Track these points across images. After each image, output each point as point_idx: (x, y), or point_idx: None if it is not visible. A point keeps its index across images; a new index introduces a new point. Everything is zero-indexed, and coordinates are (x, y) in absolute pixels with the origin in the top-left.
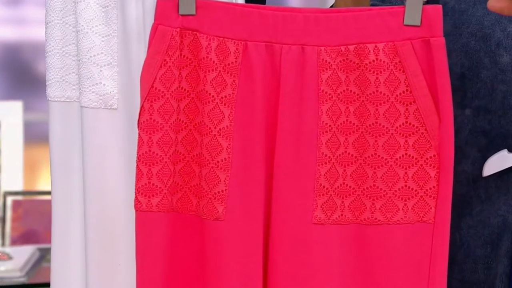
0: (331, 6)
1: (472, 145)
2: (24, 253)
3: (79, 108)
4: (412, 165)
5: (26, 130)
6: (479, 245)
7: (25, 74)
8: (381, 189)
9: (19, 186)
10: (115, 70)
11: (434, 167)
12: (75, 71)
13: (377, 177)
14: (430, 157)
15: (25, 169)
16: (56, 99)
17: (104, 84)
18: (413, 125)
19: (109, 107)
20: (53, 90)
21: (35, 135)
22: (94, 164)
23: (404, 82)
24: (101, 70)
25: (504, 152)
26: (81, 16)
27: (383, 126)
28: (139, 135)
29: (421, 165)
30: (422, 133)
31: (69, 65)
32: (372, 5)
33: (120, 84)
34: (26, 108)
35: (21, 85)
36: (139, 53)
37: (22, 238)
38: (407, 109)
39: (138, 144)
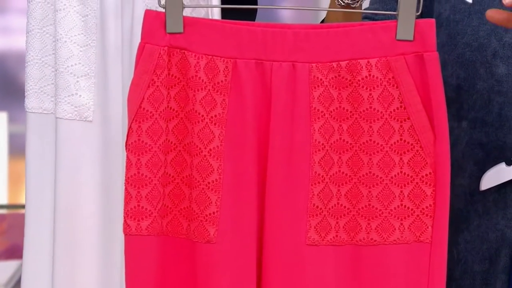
0: (322, 21)
1: (469, 158)
2: (8, 269)
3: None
4: (408, 184)
5: (10, 142)
6: (477, 260)
7: (10, 85)
8: (376, 208)
9: (3, 199)
10: (92, 81)
11: (430, 185)
12: (54, 82)
13: (372, 196)
14: (426, 175)
15: (9, 182)
16: (33, 111)
17: (80, 95)
18: (408, 142)
19: (84, 119)
20: (31, 101)
21: (20, 147)
22: (66, 178)
23: (398, 98)
24: (77, 81)
25: (502, 165)
26: (60, 25)
27: (378, 144)
28: (127, 156)
29: (417, 183)
30: (417, 151)
31: (48, 75)
32: (364, 18)
33: (97, 96)
34: (11, 120)
35: (5, 96)
36: (117, 65)
37: (6, 253)
38: (401, 126)
39: (126, 166)
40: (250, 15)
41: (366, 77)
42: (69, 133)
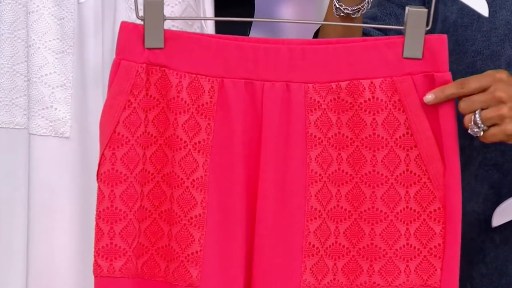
0: (315, 34)
1: (483, 181)
2: None
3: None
4: (414, 220)
5: None
6: None
7: None
8: (379, 248)
9: None
10: (69, 92)
11: (439, 221)
12: (26, 93)
13: (375, 235)
14: (434, 210)
15: None
16: (4, 126)
17: (56, 108)
18: (415, 174)
19: (60, 135)
20: (1, 115)
21: None
22: (40, 201)
23: (404, 123)
24: (53, 92)
25: None
26: (32, 29)
27: (382, 175)
28: (99, 188)
29: (424, 219)
30: (425, 183)
31: (20, 86)
32: (365, 34)
33: (74, 109)
34: None
35: None
36: (97, 75)
37: None
38: (407, 154)
39: (98, 198)
40: (245, 24)
41: (369, 99)
42: (43, 151)
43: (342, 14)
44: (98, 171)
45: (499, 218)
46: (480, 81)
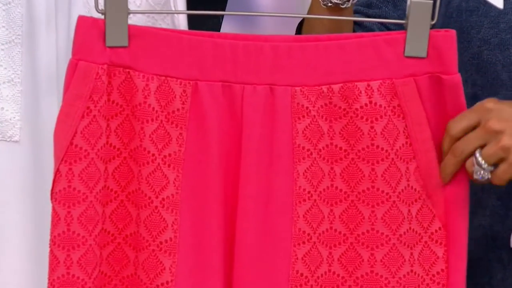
0: (297, 30)
1: (490, 192)
2: None
3: None
4: (417, 243)
5: None
6: None
7: None
8: (381, 276)
9: None
10: (18, 89)
11: (440, 244)
12: None
13: (376, 261)
14: (436, 231)
15: None
16: None
17: (3, 108)
18: (415, 189)
19: (8, 139)
20: None
21: None
22: None
23: (404, 132)
24: None
25: None
26: None
27: (382, 192)
28: (53, 209)
29: (426, 242)
30: (424, 200)
31: None
32: (358, 24)
33: (25, 108)
34: None
35: None
36: (51, 68)
37: None
38: (408, 168)
39: (53, 221)
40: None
41: (365, 105)
42: None
43: (329, 4)
44: (52, 189)
45: None
46: (468, 118)
